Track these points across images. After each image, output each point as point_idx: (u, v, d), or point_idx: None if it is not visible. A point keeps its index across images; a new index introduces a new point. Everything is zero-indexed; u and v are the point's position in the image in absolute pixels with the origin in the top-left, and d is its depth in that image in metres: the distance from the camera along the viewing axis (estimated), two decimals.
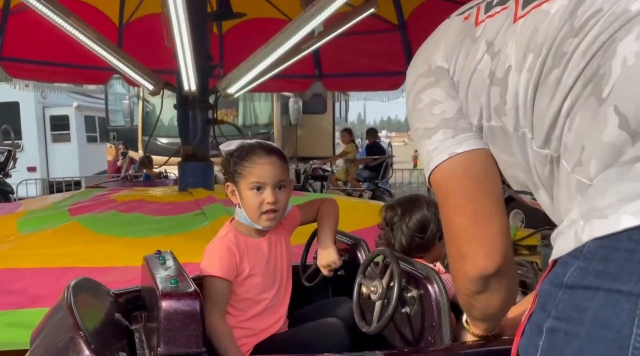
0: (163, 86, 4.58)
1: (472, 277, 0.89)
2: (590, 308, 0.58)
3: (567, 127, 0.70)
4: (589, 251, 0.60)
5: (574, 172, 0.69)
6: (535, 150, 0.76)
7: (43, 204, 4.34)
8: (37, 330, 1.27)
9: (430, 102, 0.90)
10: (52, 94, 10.41)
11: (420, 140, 0.92)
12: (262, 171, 1.41)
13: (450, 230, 0.91)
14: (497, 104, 0.80)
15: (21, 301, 2.41)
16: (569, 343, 0.60)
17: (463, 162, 0.86)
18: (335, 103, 11.28)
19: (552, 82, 0.72)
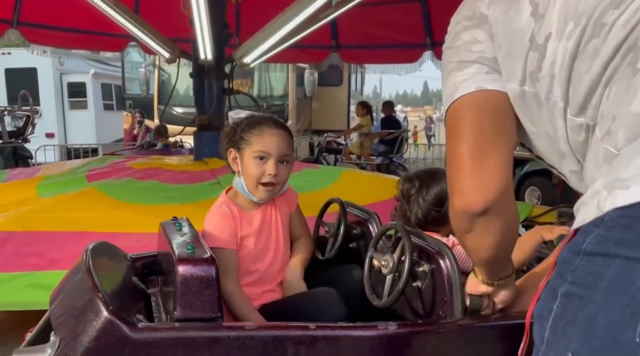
0: (179, 54, 4.56)
1: (458, 211, 0.87)
2: (606, 275, 0.59)
3: (605, 96, 0.71)
4: (610, 219, 0.61)
5: (603, 141, 0.70)
6: (570, 118, 0.76)
7: (61, 169, 4.40)
8: (56, 291, 1.30)
9: (471, 40, 0.88)
10: (69, 60, 10.47)
11: (450, 73, 0.89)
12: (269, 141, 1.43)
13: (449, 160, 0.87)
14: (533, 70, 0.80)
15: (40, 263, 2.47)
16: (583, 307, 0.61)
17: (488, 97, 0.84)
18: (351, 76, 11.15)
19: (590, 51, 0.73)
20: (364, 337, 1.14)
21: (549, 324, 0.65)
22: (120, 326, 1.04)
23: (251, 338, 1.09)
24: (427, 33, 5.59)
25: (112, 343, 1.03)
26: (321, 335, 1.12)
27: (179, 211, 1.66)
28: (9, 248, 2.57)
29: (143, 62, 9.79)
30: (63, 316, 1.16)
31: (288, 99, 9.33)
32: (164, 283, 1.44)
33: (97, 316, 1.05)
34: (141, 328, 1.06)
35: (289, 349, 1.10)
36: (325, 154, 8.63)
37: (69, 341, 1.04)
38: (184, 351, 1.06)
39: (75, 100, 12.20)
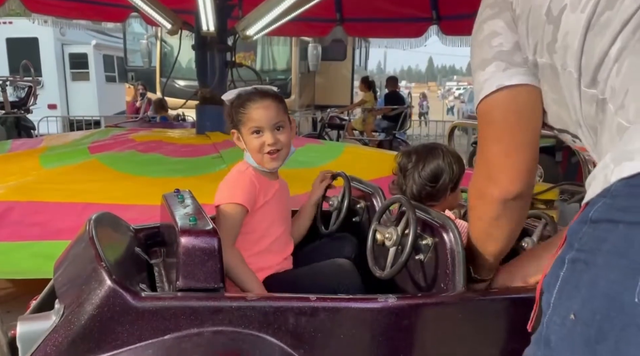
0: (181, 26, 4.50)
1: (495, 198, 0.98)
2: (609, 239, 0.62)
3: (615, 70, 0.72)
4: (616, 189, 0.63)
5: (617, 115, 0.71)
6: (584, 89, 0.78)
7: (64, 141, 4.40)
8: (60, 260, 1.32)
9: (490, 33, 0.94)
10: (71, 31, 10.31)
11: (476, 70, 0.96)
12: (258, 115, 1.48)
13: (484, 154, 0.98)
14: (549, 42, 0.82)
15: (44, 233, 2.50)
16: (587, 271, 0.63)
17: (509, 95, 0.91)
18: (355, 50, 11.00)
19: (603, 23, 0.73)
20: (364, 309, 1.15)
21: (556, 289, 0.67)
22: (123, 294, 1.05)
23: (252, 308, 1.10)
24: (432, 7, 5.49)
25: (115, 311, 1.04)
26: (322, 306, 1.13)
27: (182, 184, 1.67)
28: (13, 217, 2.59)
29: (145, 33, 9.66)
30: (67, 284, 1.17)
31: (291, 73, 9.23)
32: (166, 254, 1.45)
33: (100, 284, 1.06)
34: (144, 297, 1.08)
35: (290, 319, 1.11)
36: (328, 130, 8.59)
37: (73, 309, 1.06)
38: (186, 320, 1.07)
39: (77, 71, 12.10)
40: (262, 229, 1.50)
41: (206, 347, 1.06)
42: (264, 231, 1.50)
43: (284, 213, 1.58)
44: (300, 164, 3.32)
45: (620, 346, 0.57)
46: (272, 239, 1.52)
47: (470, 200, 1.08)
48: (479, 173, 1.02)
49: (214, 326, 1.08)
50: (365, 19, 6.07)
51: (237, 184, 1.47)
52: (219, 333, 1.08)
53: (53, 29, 10.32)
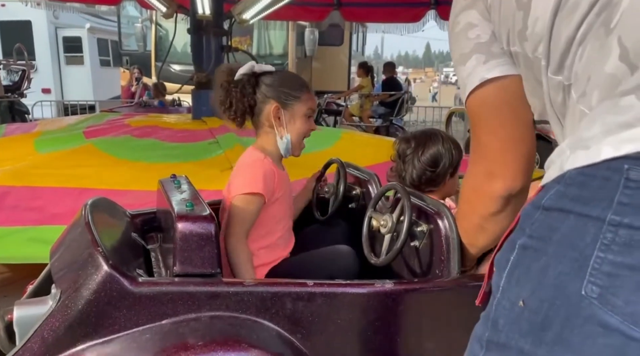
0: (176, 9, 4.44)
1: (499, 195, 0.96)
2: (560, 229, 0.62)
3: (578, 55, 0.70)
4: (570, 177, 0.63)
5: (579, 103, 0.70)
6: (550, 76, 0.76)
7: (59, 125, 4.37)
8: (57, 245, 1.31)
9: (466, 25, 0.91)
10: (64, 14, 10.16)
11: (457, 66, 0.94)
12: (314, 99, 1.48)
13: (480, 149, 0.97)
14: (520, 29, 0.80)
15: (40, 218, 2.49)
16: (537, 259, 0.63)
17: (494, 87, 0.89)
18: (353, 35, 10.92)
19: (570, 6, 0.71)
20: (361, 294, 1.16)
21: (505, 273, 0.68)
22: (120, 279, 1.05)
23: (250, 294, 1.11)
24: None
25: (112, 296, 1.05)
26: (319, 291, 1.13)
27: (178, 170, 1.66)
28: (8, 202, 2.59)
29: (140, 17, 9.54)
30: (64, 269, 1.17)
31: (288, 58, 9.17)
32: (163, 240, 1.45)
33: (97, 269, 1.06)
34: (141, 282, 1.08)
35: (287, 305, 1.12)
36: (324, 116, 8.56)
37: (70, 294, 1.06)
38: (183, 305, 1.08)
39: (71, 55, 11.96)
40: (273, 224, 1.45)
41: (203, 332, 1.07)
42: (274, 225, 1.46)
43: (291, 201, 1.55)
44: None
45: (564, 334, 0.59)
46: (281, 234, 1.48)
47: (465, 194, 1.07)
48: (477, 169, 1.00)
49: (211, 311, 1.09)
50: (363, 4, 6.02)
51: (257, 173, 1.38)
52: (216, 318, 1.09)
53: (46, 12, 10.19)
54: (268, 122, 1.44)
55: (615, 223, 0.57)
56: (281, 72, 1.49)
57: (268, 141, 1.46)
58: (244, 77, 1.42)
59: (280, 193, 1.44)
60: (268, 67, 1.46)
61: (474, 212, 1.05)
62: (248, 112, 1.44)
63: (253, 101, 1.42)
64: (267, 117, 1.43)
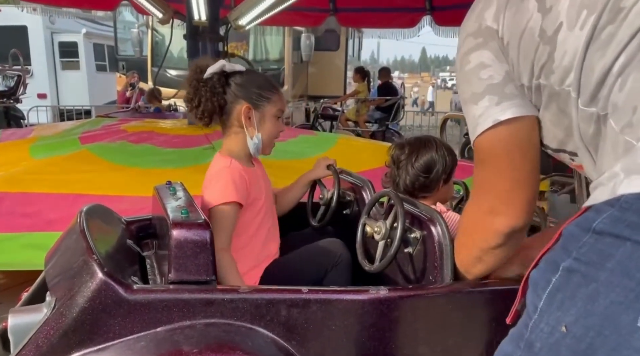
0: (172, 15, 4.46)
1: (501, 231, 0.98)
2: (614, 256, 0.60)
3: (617, 86, 0.69)
4: (626, 201, 0.61)
5: (623, 133, 0.68)
6: (581, 108, 0.75)
7: (54, 131, 4.37)
8: (51, 252, 1.31)
9: (478, 65, 0.91)
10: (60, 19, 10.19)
11: (466, 103, 0.95)
12: (284, 100, 1.48)
13: (486, 186, 0.98)
14: (545, 62, 0.80)
15: (36, 224, 2.49)
16: (585, 285, 0.61)
17: (507, 130, 0.90)
18: (349, 40, 10.96)
19: (605, 38, 0.71)
20: (355, 301, 1.16)
21: (545, 295, 0.66)
22: (115, 287, 1.05)
23: (244, 301, 1.11)
24: None
25: (107, 304, 1.05)
26: (313, 298, 1.14)
27: (173, 175, 1.67)
28: (3, 208, 2.58)
29: (136, 22, 9.56)
30: (58, 276, 1.17)
31: (284, 63, 9.18)
32: (158, 247, 1.45)
33: (92, 277, 1.06)
34: (136, 289, 1.08)
35: (282, 311, 1.12)
36: (320, 121, 8.57)
37: (65, 302, 1.06)
38: (178, 312, 1.08)
39: (67, 60, 11.96)
40: (257, 223, 1.46)
41: (198, 339, 1.07)
42: (259, 224, 1.47)
43: (270, 196, 1.54)
44: (293, 155, 3.33)
45: None
46: (267, 229, 1.49)
47: (466, 226, 1.09)
48: (480, 203, 1.01)
49: (206, 318, 1.09)
50: (359, 9, 6.04)
51: (226, 181, 1.37)
52: (211, 325, 1.09)
53: (42, 18, 10.18)
54: (238, 122, 1.43)
55: None
56: (252, 73, 1.48)
57: (237, 142, 1.46)
58: (214, 76, 1.39)
59: (256, 192, 1.44)
60: (238, 67, 1.44)
61: (474, 245, 1.07)
62: (217, 112, 1.42)
63: (223, 100, 1.40)
64: (238, 117, 1.42)
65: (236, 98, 1.41)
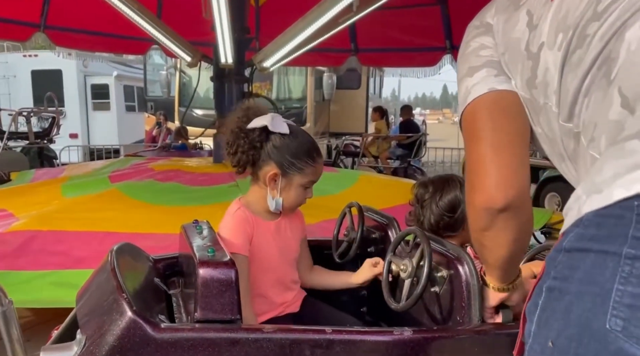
0: (200, 58, 4.63)
1: (479, 208, 0.90)
2: (581, 267, 0.64)
3: (585, 105, 0.76)
4: (587, 219, 0.66)
5: (589, 148, 0.75)
6: (561, 123, 0.81)
7: (85, 170, 4.51)
8: (83, 290, 1.34)
9: (479, 46, 0.95)
10: (93, 63, 10.68)
11: (462, 79, 0.96)
12: (319, 171, 1.45)
13: (469, 161, 0.92)
14: (529, 78, 0.85)
15: (65, 262, 2.54)
16: (561, 298, 0.65)
17: (495, 95, 0.90)
18: (370, 79, 11.15)
19: (575, 61, 0.77)
20: (379, 342, 1.15)
21: (535, 318, 0.69)
22: (143, 326, 1.07)
23: (269, 340, 1.11)
24: (446, 36, 5.57)
25: (135, 342, 1.06)
26: (337, 338, 1.13)
27: (199, 213, 1.70)
28: (35, 246, 2.65)
29: (165, 64, 9.94)
30: (89, 315, 1.19)
31: (306, 102, 9.37)
32: (184, 285, 1.47)
33: (121, 316, 1.08)
34: (163, 328, 1.09)
35: (306, 352, 1.12)
36: (342, 157, 8.64)
37: (95, 340, 1.08)
38: (204, 351, 1.09)
39: (99, 101, 12.44)
40: (258, 273, 1.42)
41: None
42: (259, 275, 1.42)
43: (288, 250, 1.50)
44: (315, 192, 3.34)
45: None
46: (269, 285, 1.45)
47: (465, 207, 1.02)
48: (466, 181, 0.95)
49: None
50: (380, 49, 6.18)
51: (232, 229, 1.39)
52: None
53: (76, 61, 10.69)
54: (263, 181, 1.42)
55: (631, 256, 0.59)
56: (294, 136, 1.40)
57: (258, 196, 1.45)
58: (256, 130, 1.38)
59: (263, 238, 1.42)
60: (283, 129, 1.39)
61: (471, 227, 0.99)
62: (250, 164, 1.41)
63: (258, 155, 1.39)
64: (264, 176, 1.41)
65: (268, 158, 1.39)
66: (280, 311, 1.49)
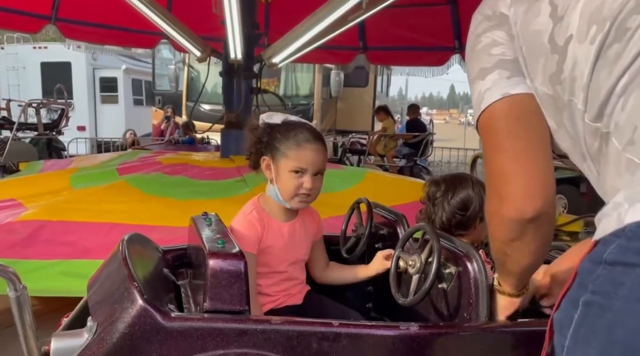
0: (210, 53, 4.64)
1: (509, 219, 0.87)
2: (626, 283, 0.60)
3: (620, 105, 0.70)
4: (631, 230, 0.62)
5: (626, 151, 0.69)
6: (587, 123, 0.75)
7: (93, 162, 4.54)
8: (94, 279, 1.36)
9: (490, 42, 0.88)
10: (102, 56, 10.72)
11: (473, 81, 0.91)
12: (308, 157, 1.40)
13: (491, 169, 0.89)
14: (554, 73, 0.79)
15: (73, 252, 2.57)
16: (602, 315, 0.62)
17: (511, 101, 0.85)
18: (377, 77, 11.13)
19: (611, 56, 0.71)
20: (386, 336, 1.16)
21: (570, 333, 0.66)
22: (154, 314, 1.09)
23: (277, 332, 1.12)
24: (455, 36, 5.55)
25: (145, 330, 1.08)
26: (344, 331, 1.14)
27: (206, 206, 1.71)
28: (44, 236, 2.68)
29: (173, 59, 9.97)
30: (100, 302, 1.21)
31: (313, 99, 9.38)
32: (193, 276, 1.48)
33: (132, 304, 1.10)
34: (173, 317, 1.11)
35: (313, 344, 1.13)
36: (348, 155, 8.65)
37: (106, 327, 1.10)
38: (212, 341, 1.10)
39: (107, 94, 12.50)
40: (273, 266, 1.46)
41: None
42: (275, 268, 1.47)
43: (298, 252, 1.52)
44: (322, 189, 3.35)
45: None
46: (287, 275, 1.49)
47: (487, 217, 0.99)
48: (490, 190, 0.93)
49: (239, 348, 1.11)
50: (388, 48, 6.17)
51: (240, 230, 1.43)
52: (243, 355, 1.11)
53: (85, 54, 10.73)
54: (264, 172, 1.49)
55: None
56: (286, 125, 1.45)
57: (269, 190, 1.49)
58: (260, 126, 1.47)
59: (273, 241, 1.44)
60: (276, 119, 1.45)
61: (494, 237, 0.97)
62: (259, 158, 1.48)
63: (263, 149, 1.46)
64: (263, 168, 1.48)
65: (267, 149, 1.46)
66: (280, 303, 1.49)
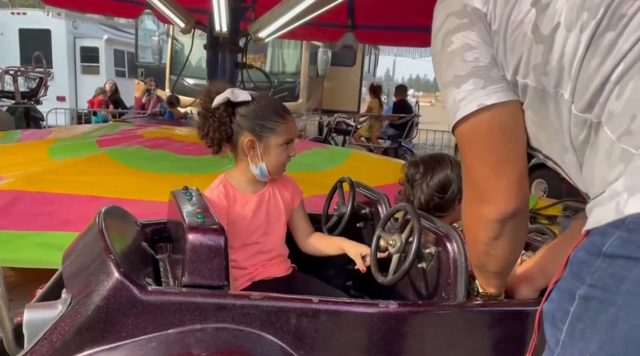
0: (194, 25, 4.54)
1: (492, 219, 0.92)
2: (629, 278, 0.59)
3: (615, 94, 0.68)
4: (632, 221, 0.60)
5: (621, 141, 0.67)
6: (575, 113, 0.73)
7: (73, 133, 4.46)
8: (69, 250, 1.34)
9: (463, 46, 0.86)
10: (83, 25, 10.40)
11: (447, 87, 0.90)
12: (292, 128, 1.47)
13: (471, 176, 0.93)
14: (538, 63, 0.76)
15: (50, 223, 2.53)
16: (604, 310, 0.60)
17: (490, 114, 0.86)
18: (365, 57, 11.06)
19: (604, 45, 0.69)
20: (365, 313, 1.16)
21: (566, 326, 0.64)
22: (130, 287, 1.07)
23: (255, 307, 1.12)
24: None
25: (121, 303, 1.06)
26: (323, 308, 1.14)
27: (188, 181, 1.68)
28: (20, 206, 2.63)
29: (157, 30, 9.74)
30: (75, 274, 1.19)
31: (300, 77, 9.28)
32: (172, 250, 1.46)
33: (108, 276, 1.08)
34: (150, 290, 1.09)
35: (292, 320, 1.13)
36: (334, 135, 8.62)
37: (81, 299, 1.08)
38: (190, 315, 1.09)
39: (88, 65, 12.20)
40: (243, 238, 1.46)
41: (208, 343, 1.08)
42: (245, 240, 1.47)
43: (274, 219, 1.52)
44: (306, 167, 3.34)
45: None
46: (260, 246, 1.49)
47: (465, 222, 1.03)
48: (469, 195, 0.96)
49: (217, 322, 1.10)
50: (376, 27, 6.11)
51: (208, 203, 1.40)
52: (221, 329, 1.10)
53: (66, 22, 10.41)
54: (243, 152, 1.45)
55: None
56: (258, 101, 1.44)
57: (240, 169, 1.49)
58: (220, 106, 1.40)
59: (241, 211, 1.45)
60: (244, 96, 1.42)
61: (477, 240, 1.01)
62: (225, 141, 1.44)
63: (230, 130, 1.42)
64: (242, 147, 1.44)
65: (240, 129, 1.42)
66: (257, 274, 1.49)
